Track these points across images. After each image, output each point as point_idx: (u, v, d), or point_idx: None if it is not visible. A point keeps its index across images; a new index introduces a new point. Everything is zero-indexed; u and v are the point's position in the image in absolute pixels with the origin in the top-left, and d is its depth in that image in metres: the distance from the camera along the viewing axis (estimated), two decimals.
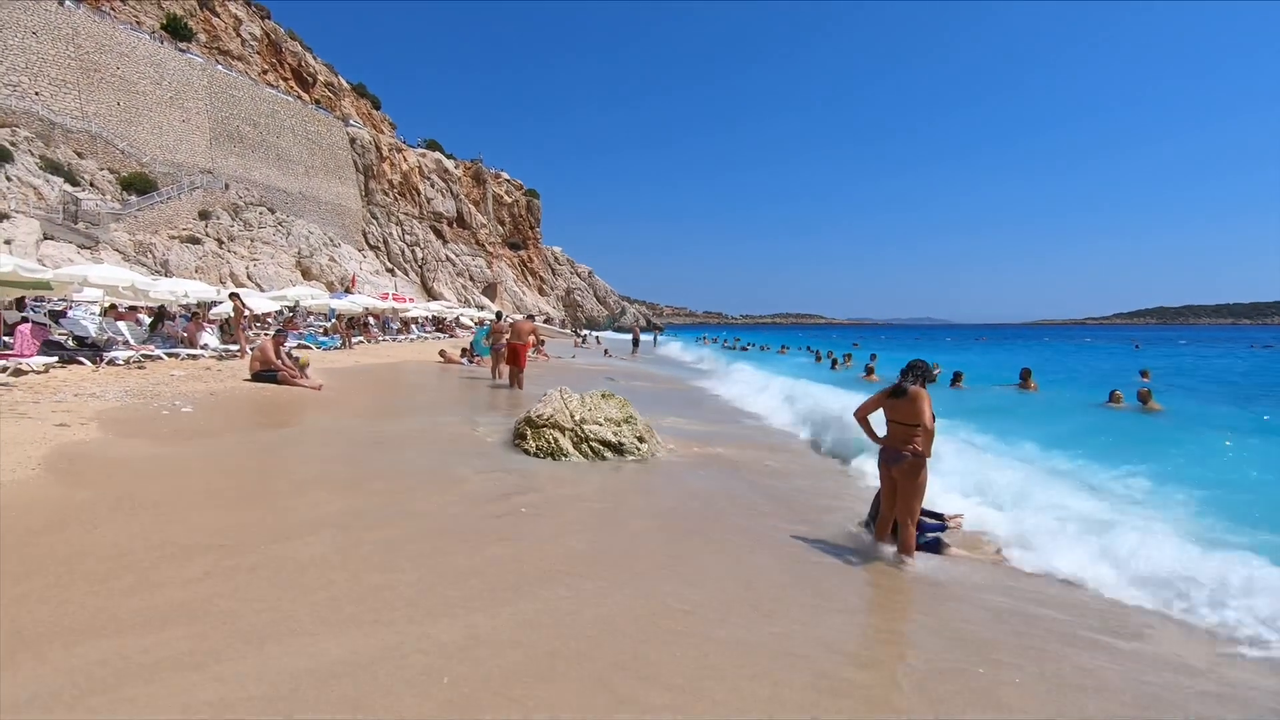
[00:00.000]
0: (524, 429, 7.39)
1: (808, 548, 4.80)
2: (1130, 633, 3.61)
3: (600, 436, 7.51)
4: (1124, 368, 28.75)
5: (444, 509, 4.99)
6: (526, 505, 5.14)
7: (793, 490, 6.76)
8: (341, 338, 21.04)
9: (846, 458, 8.31)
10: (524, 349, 13.25)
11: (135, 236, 44.48)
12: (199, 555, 3.55)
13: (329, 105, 74.34)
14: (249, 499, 4.94)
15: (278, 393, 9.76)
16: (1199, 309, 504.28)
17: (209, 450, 5.92)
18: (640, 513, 5.31)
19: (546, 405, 7.59)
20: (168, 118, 54.91)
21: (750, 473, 7.36)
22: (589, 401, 7.88)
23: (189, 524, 4.10)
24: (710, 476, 6.96)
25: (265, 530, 4.09)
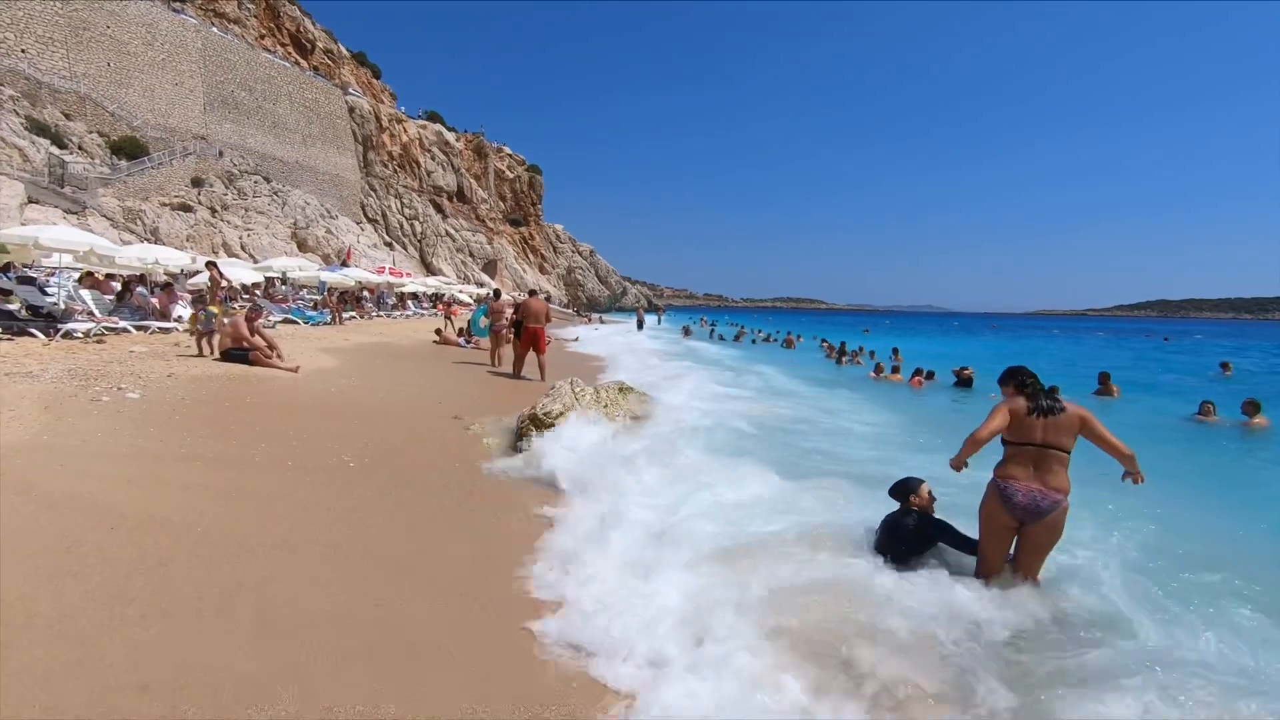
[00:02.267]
0: (528, 428, 6.23)
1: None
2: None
3: None
4: (1168, 363, 27.27)
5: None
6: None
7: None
8: (331, 313, 19.80)
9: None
10: (542, 332, 11.99)
11: (124, 203, 43.01)
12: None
13: (328, 73, 72.30)
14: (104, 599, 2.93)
15: (246, 376, 8.56)
16: (1201, 302, 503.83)
17: (118, 472, 4.61)
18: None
19: (554, 400, 6.43)
20: (160, 80, 53.14)
21: None
22: (605, 395, 6.72)
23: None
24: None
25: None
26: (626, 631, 3.03)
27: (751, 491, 5.21)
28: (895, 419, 10.12)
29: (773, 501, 5.06)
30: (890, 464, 6.38)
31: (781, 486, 5.38)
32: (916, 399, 13.86)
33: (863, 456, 7.02)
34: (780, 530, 4.36)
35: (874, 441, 8.09)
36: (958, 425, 9.30)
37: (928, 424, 9.88)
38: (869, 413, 10.61)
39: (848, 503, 5.07)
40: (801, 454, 6.83)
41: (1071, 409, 3.76)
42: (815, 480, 5.67)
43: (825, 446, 7.44)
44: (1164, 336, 56.36)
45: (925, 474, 4.43)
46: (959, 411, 12.09)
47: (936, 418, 11.02)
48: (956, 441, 3.87)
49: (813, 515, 4.72)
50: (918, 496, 4.15)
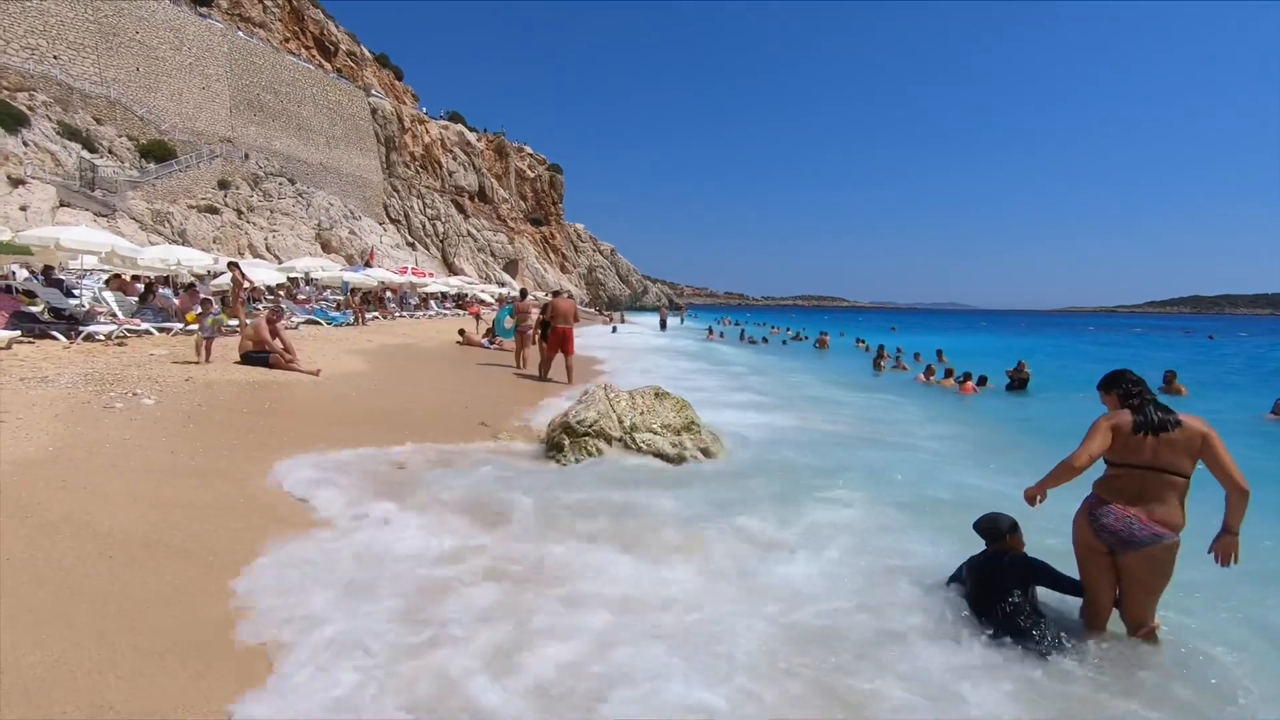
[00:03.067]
0: (561, 438, 5.83)
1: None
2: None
3: (656, 448, 5.94)
4: (1224, 361, 26.02)
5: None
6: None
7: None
8: (355, 313, 19.63)
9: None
10: (571, 333, 11.66)
11: (153, 205, 43.53)
12: None
13: (351, 75, 72.75)
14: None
15: (266, 380, 8.28)
16: (1236, 298, 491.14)
17: (124, 489, 4.28)
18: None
19: (589, 407, 6.02)
20: (187, 84, 53.73)
21: None
22: (641, 402, 6.30)
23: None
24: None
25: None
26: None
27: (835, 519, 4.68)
28: (961, 432, 9.47)
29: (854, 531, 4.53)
30: (962, 489, 5.85)
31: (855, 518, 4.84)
32: (971, 407, 13.07)
33: (932, 479, 6.40)
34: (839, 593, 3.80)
35: (944, 460, 7.41)
36: (1029, 441, 8.74)
37: (996, 438, 9.27)
38: (929, 424, 9.97)
39: (918, 534, 4.56)
40: (871, 479, 6.20)
41: (1191, 423, 3.11)
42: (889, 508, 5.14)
43: (886, 466, 6.87)
44: (1209, 334, 54.40)
45: (999, 498, 3.93)
46: (1025, 421, 11.32)
47: (1005, 431, 10.27)
48: (1035, 458, 3.35)
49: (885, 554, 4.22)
50: (1014, 537, 3.54)
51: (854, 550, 4.25)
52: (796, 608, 3.43)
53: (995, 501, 4.17)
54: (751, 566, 3.93)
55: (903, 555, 4.20)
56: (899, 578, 3.83)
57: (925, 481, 6.14)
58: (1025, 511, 3.51)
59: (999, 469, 6.83)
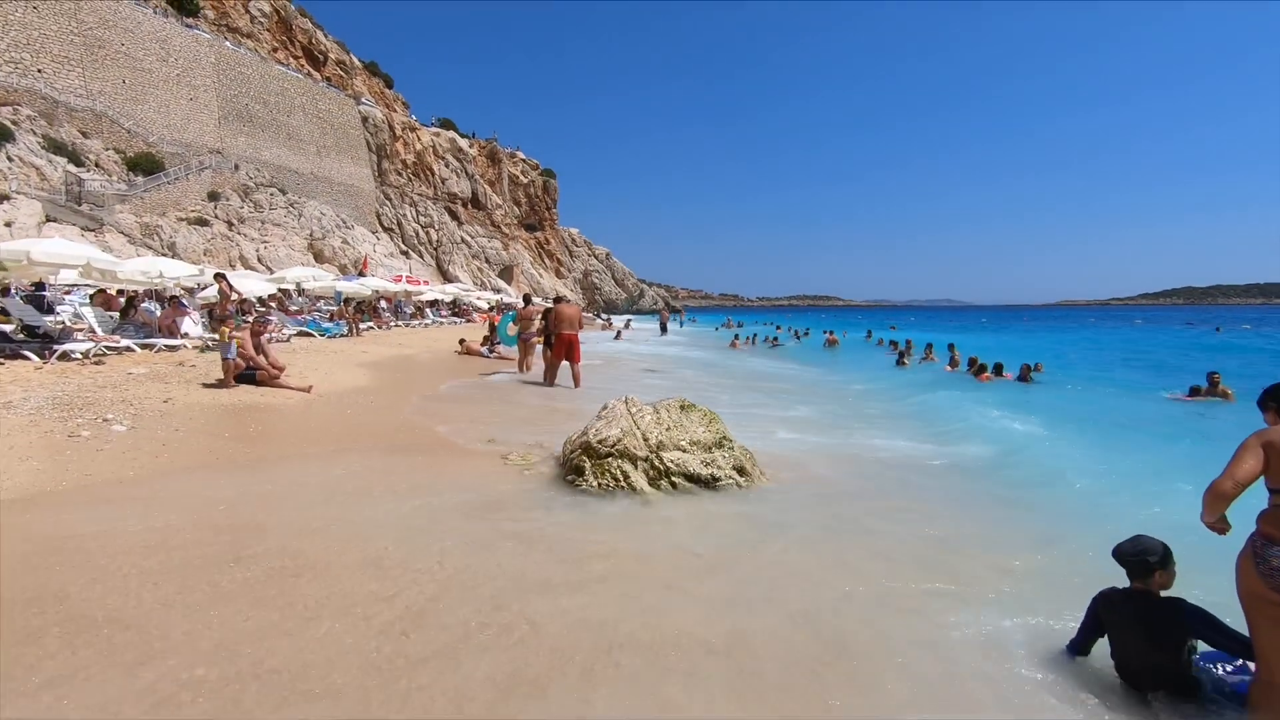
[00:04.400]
0: (581, 459, 5.21)
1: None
2: None
3: (686, 468, 5.32)
4: (1246, 356, 25.50)
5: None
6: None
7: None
8: (348, 324, 18.98)
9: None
10: (577, 339, 11.18)
11: (141, 218, 42.84)
12: None
13: (340, 84, 72.17)
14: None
15: (253, 399, 7.64)
16: (1228, 289, 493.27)
17: (68, 550, 3.52)
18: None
19: (610, 424, 5.40)
20: (175, 96, 53.07)
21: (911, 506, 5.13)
22: (666, 416, 5.68)
23: None
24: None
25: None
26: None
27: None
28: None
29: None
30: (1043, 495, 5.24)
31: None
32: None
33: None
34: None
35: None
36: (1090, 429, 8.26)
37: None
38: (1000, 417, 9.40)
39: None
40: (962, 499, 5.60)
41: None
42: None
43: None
44: (1215, 327, 54.02)
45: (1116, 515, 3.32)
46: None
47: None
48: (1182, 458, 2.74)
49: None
50: (1165, 573, 2.80)
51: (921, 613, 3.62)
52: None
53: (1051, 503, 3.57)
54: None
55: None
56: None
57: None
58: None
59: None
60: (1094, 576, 3.15)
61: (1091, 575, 3.23)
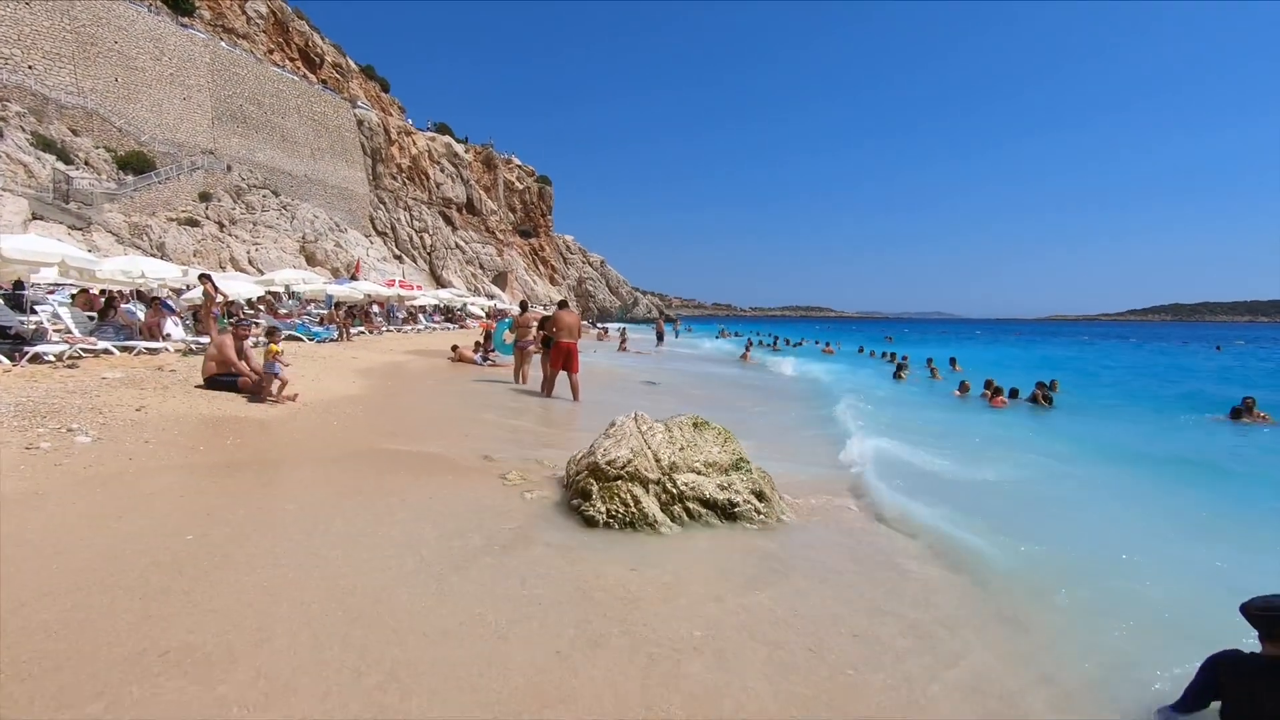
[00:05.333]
0: (587, 483, 4.77)
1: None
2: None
3: (701, 493, 4.89)
4: (1250, 375, 25.20)
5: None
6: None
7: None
8: (339, 328, 18.48)
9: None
10: (576, 349, 10.75)
11: (131, 218, 42.18)
12: None
13: (336, 87, 71.75)
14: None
15: (232, 411, 7.16)
16: (1215, 305, 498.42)
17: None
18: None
19: (619, 443, 4.96)
20: (168, 95, 52.49)
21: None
22: (679, 435, 5.25)
23: None
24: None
25: None
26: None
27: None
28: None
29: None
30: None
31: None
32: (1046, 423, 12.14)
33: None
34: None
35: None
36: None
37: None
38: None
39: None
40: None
41: None
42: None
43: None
44: (1215, 345, 54.05)
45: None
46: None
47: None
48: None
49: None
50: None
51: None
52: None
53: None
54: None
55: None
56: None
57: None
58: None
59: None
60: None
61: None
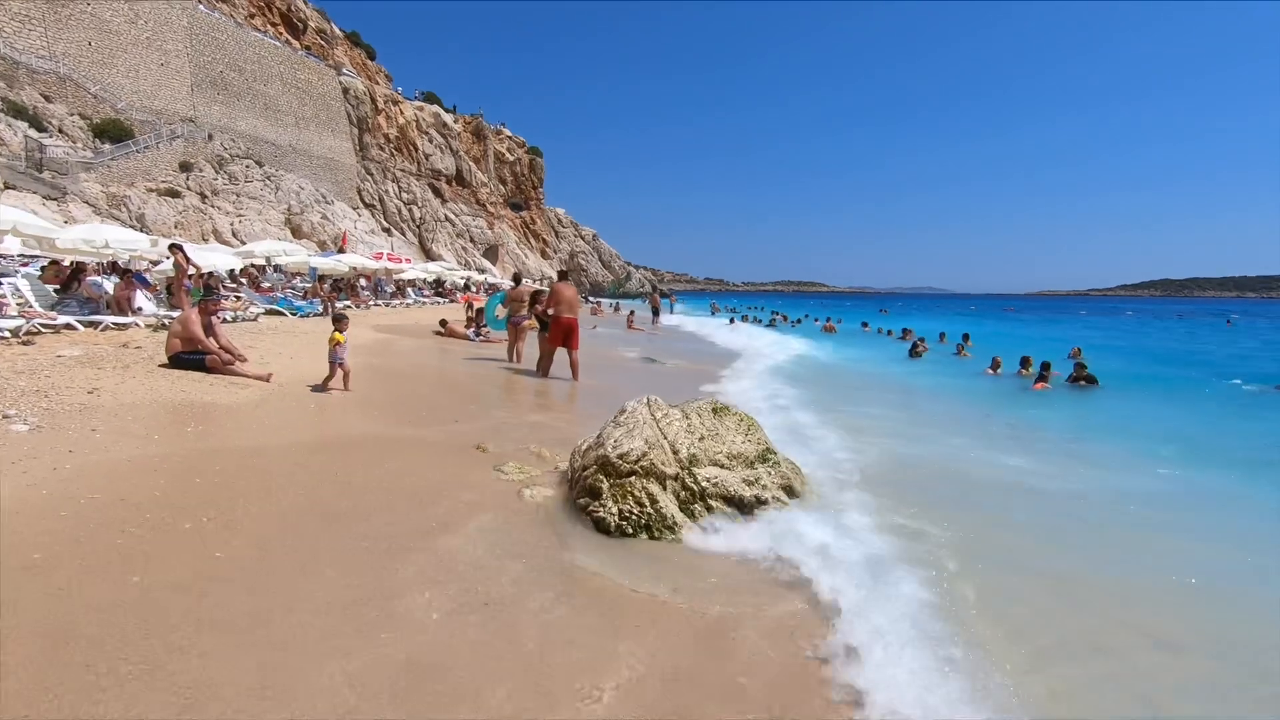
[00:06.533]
0: (597, 480, 4.14)
1: None
2: None
3: (725, 488, 4.29)
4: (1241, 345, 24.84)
5: None
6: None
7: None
8: (323, 302, 17.69)
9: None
10: (576, 324, 10.15)
11: (108, 188, 40.84)
12: None
13: (320, 53, 69.63)
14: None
15: (198, 391, 6.47)
16: (1205, 281, 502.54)
17: None
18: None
19: (631, 433, 4.33)
20: (145, 60, 50.64)
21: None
22: (698, 422, 4.64)
23: None
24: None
25: None
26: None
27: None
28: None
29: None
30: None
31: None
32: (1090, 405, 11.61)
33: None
34: None
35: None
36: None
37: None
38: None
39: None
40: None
41: None
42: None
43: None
44: (1226, 319, 54.07)
45: None
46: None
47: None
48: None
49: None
50: None
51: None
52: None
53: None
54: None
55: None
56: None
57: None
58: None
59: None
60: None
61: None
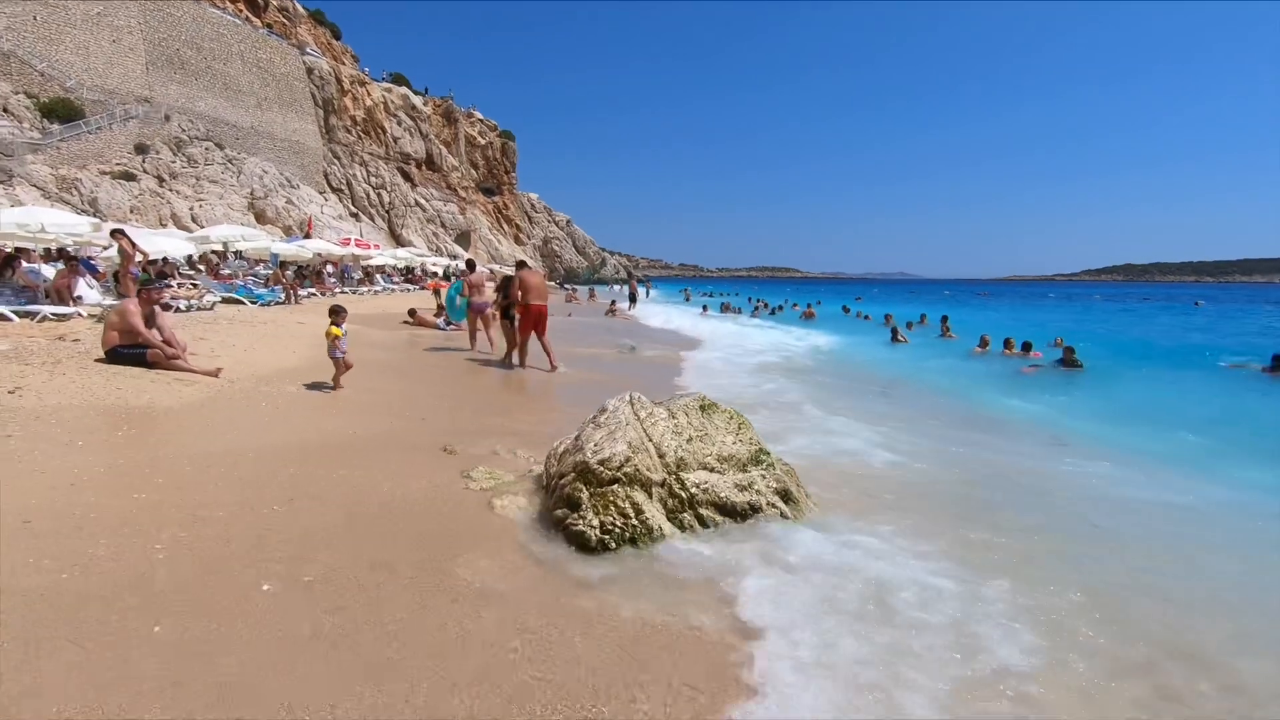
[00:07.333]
0: (576, 489, 3.73)
1: None
2: None
3: (716, 495, 3.90)
4: (1246, 331, 25.34)
5: None
6: None
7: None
8: (285, 290, 16.92)
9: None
10: (546, 311, 9.80)
11: (58, 171, 39.05)
12: None
13: (283, 32, 67.36)
14: None
15: (134, 390, 5.89)
16: (1165, 266, 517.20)
17: None
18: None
19: (613, 436, 3.92)
20: (95, 37, 48.40)
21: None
22: (685, 421, 4.24)
23: None
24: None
25: None
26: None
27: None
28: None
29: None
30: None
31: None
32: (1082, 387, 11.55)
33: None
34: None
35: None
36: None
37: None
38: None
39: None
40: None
41: None
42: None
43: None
44: (1195, 302, 55.90)
45: None
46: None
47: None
48: None
49: None
50: None
51: None
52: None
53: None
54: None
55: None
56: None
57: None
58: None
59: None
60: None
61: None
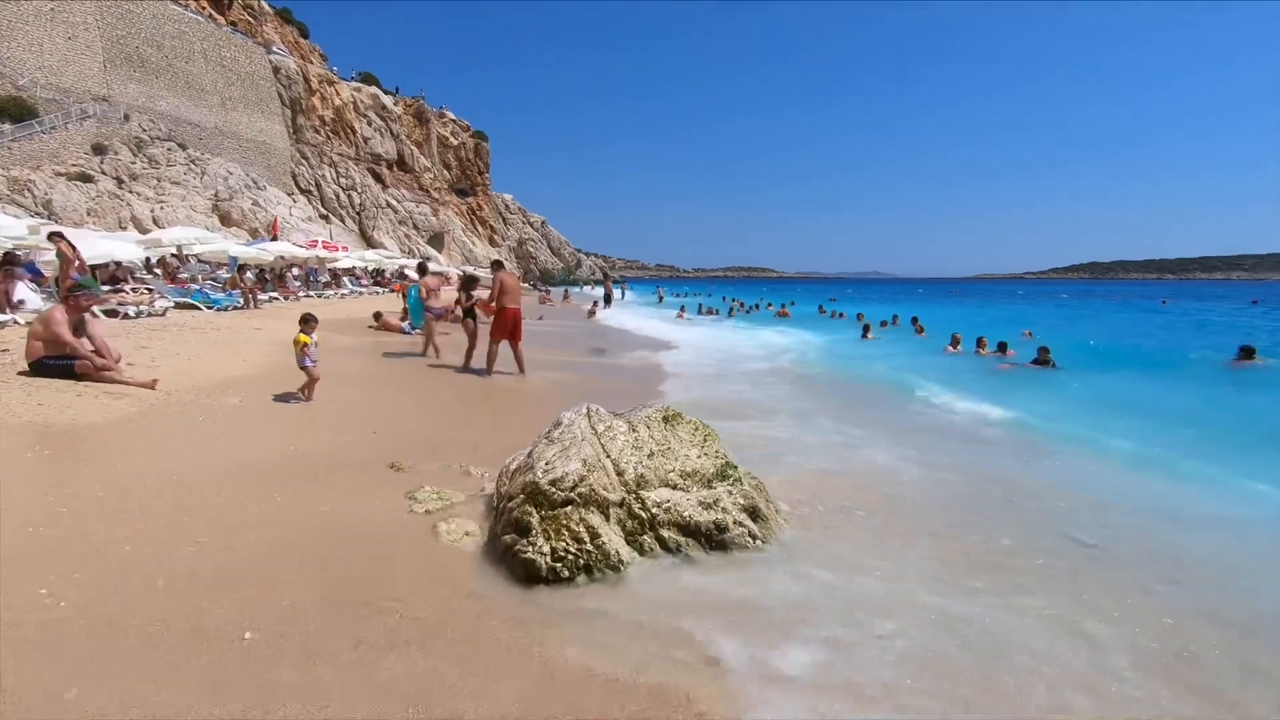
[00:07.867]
0: (525, 513, 3.43)
1: None
2: None
3: (679, 514, 3.63)
4: (1223, 328, 25.67)
5: None
6: None
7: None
8: (244, 294, 16.33)
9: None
10: (520, 315, 9.53)
11: (9, 172, 37.69)
12: None
13: (248, 30, 65.93)
14: None
15: (57, 406, 5.45)
16: (1129, 264, 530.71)
17: None
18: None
19: (567, 453, 3.62)
20: (49, 34, 46.88)
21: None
22: (647, 435, 3.96)
23: None
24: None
25: None
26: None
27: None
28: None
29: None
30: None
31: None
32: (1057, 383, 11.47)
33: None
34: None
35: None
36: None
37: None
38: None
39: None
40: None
41: None
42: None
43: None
44: (1162, 300, 57.01)
45: None
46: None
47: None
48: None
49: None
50: None
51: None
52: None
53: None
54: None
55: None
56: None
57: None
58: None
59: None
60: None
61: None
